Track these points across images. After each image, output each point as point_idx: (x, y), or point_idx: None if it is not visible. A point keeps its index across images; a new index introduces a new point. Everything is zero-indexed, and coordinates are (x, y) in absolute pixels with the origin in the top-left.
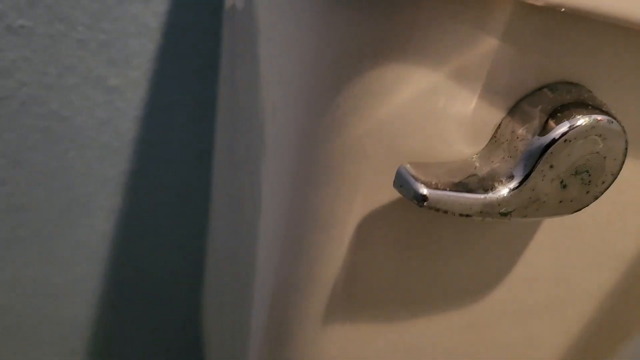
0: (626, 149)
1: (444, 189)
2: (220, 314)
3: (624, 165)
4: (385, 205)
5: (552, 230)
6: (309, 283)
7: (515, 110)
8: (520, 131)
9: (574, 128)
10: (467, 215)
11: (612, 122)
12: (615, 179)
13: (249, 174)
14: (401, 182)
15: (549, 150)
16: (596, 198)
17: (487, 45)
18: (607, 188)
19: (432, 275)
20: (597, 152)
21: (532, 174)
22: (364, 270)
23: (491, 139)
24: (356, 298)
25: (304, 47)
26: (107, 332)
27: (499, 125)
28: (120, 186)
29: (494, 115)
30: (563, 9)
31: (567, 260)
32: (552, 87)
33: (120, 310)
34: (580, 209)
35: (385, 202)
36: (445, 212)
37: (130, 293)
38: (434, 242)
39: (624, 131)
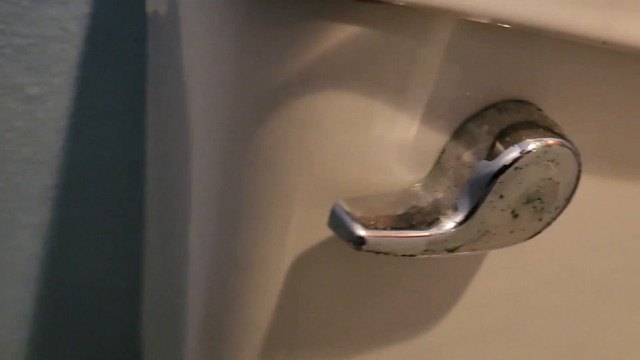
0: (579, 171)
1: (384, 228)
2: (158, 342)
3: (578, 183)
4: (321, 243)
5: (503, 252)
6: (242, 331)
7: (460, 133)
8: (466, 156)
9: (525, 154)
10: (411, 255)
11: (565, 144)
12: (568, 203)
13: (178, 205)
14: (336, 222)
15: (499, 179)
16: (549, 224)
17: (427, 65)
18: (561, 213)
19: (378, 310)
20: (550, 178)
21: (481, 206)
22: (304, 313)
23: (435, 164)
24: (299, 341)
25: (222, 71)
26: (42, 355)
27: (443, 149)
28: (47, 202)
29: (438, 140)
30: (508, 26)
31: (521, 281)
32: (499, 106)
33: (55, 331)
34: (532, 237)
35: (320, 240)
36: (387, 254)
37: (64, 312)
38: (377, 278)
39: (578, 153)
